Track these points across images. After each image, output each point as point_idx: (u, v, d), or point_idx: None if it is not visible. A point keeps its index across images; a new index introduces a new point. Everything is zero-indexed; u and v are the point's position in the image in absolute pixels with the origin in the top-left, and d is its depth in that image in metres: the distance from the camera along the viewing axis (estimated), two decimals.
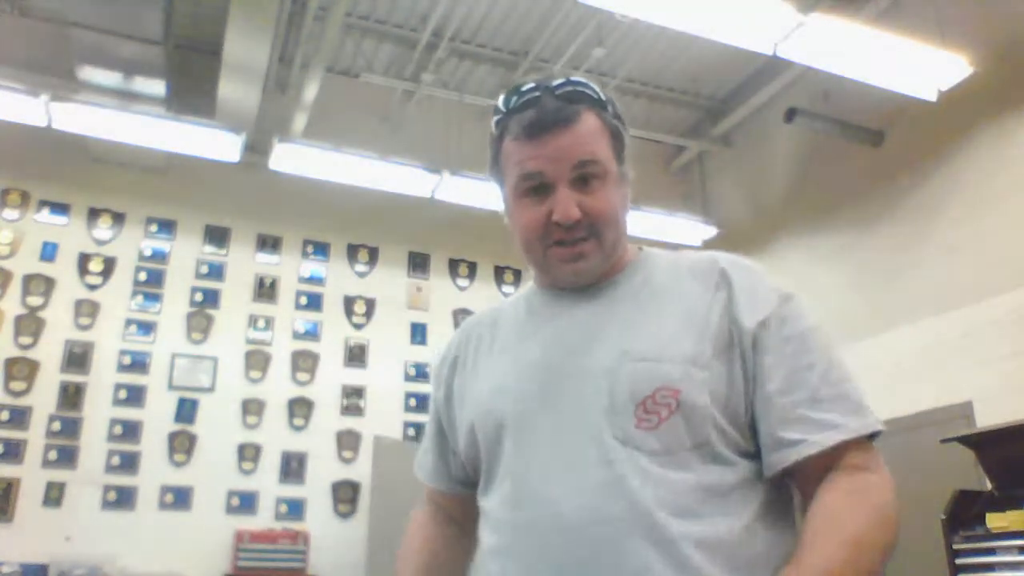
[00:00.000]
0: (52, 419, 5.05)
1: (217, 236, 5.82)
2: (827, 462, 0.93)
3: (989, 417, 4.13)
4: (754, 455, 0.97)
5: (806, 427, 0.93)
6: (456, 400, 1.15)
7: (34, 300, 5.25)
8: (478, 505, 1.09)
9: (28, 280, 5.27)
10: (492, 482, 1.05)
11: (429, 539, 1.22)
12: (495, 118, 1.08)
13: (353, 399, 5.80)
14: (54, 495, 4.92)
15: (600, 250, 1.04)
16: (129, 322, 5.41)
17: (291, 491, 5.44)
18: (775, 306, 1.00)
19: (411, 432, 5.79)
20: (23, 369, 5.09)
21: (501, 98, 1.08)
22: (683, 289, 1.03)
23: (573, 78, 1.06)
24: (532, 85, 1.05)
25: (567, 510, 0.92)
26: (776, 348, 0.97)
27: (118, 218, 5.62)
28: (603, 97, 1.07)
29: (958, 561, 3.44)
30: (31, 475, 4.91)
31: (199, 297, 5.64)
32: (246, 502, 5.31)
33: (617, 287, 1.07)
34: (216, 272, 5.74)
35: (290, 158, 5.21)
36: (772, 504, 0.96)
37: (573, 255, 1.03)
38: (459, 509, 1.21)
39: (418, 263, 6.34)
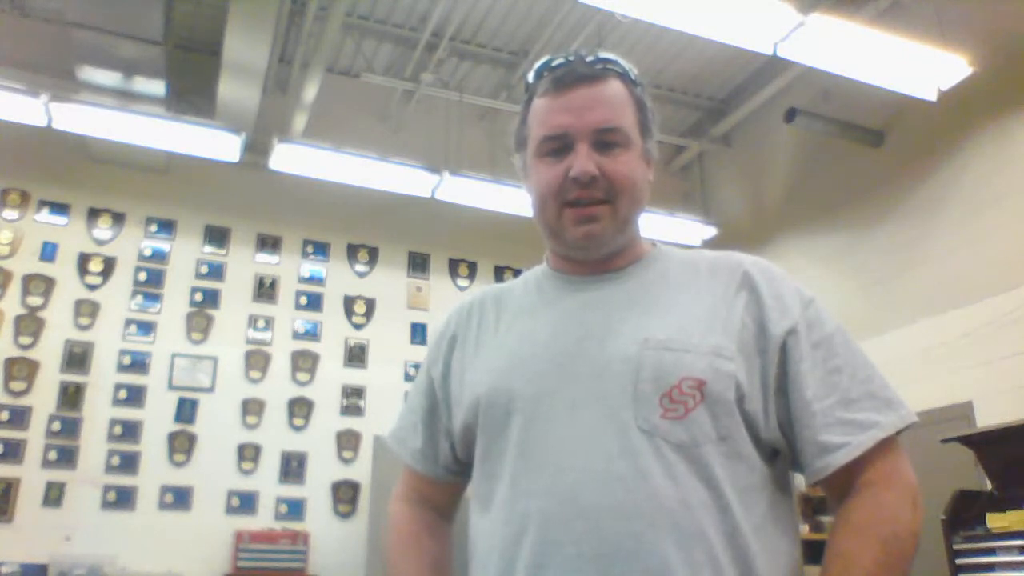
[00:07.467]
0: (52, 419, 5.05)
1: (217, 236, 5.81)
2: (852, 469, 0.93)
3: (989, 417, 4.13)
4: (767, 456, 0.97)
5: (847, 429, 0.93)
6: (455, 377, 1.10)
7: (34, 300, 5.25)
8: (462, 489, 1.05)
9: (28, 280, 5.27)
10: (494, 465, 1.00)
11: (424, 547, 1.13)
12: (527, 84, 1.09)
13: (353, 399, 5.80)
14: (54, 495, 4.91)
15: (613, 218, 1.01)
16: (129, 322, 5.41)
17: (291, 491, 5.43)
18: (800, 312, 0.99)
19: None
20: (23, 369, 5.09)
21: (532, 71, 1.08)
22: (701, 284, 1.02)
23: (603, 54, 1.06)
24: (563, 59, 1.06)
25: (589, 503, 0.89)
26: (808, 355, 0.96)
27: (118, 218, 5.62)
28: (632, 74, 1.07)
29: (958, 561, 3.43)
30: (31, 475, 4.91)
31: (199, 297, 5.64)
32: (246, 502, 5.30)
33: (632, 276, 1.05)
34: (216, 272, 5.74)
35: (290, 158, 5.20)
36: (779, 503, 0.96)
37: (586, 216, 1.00)
38: (440, 496, 1.17)
39: (418, 263, 6.33)
